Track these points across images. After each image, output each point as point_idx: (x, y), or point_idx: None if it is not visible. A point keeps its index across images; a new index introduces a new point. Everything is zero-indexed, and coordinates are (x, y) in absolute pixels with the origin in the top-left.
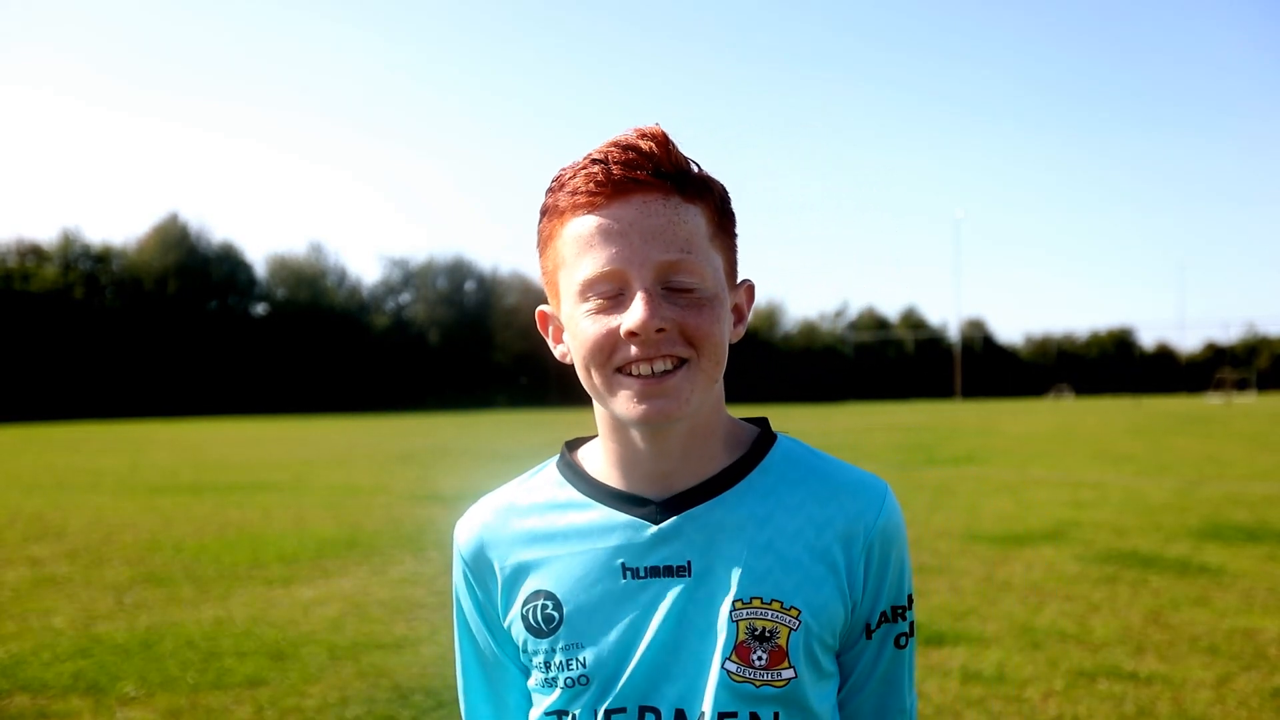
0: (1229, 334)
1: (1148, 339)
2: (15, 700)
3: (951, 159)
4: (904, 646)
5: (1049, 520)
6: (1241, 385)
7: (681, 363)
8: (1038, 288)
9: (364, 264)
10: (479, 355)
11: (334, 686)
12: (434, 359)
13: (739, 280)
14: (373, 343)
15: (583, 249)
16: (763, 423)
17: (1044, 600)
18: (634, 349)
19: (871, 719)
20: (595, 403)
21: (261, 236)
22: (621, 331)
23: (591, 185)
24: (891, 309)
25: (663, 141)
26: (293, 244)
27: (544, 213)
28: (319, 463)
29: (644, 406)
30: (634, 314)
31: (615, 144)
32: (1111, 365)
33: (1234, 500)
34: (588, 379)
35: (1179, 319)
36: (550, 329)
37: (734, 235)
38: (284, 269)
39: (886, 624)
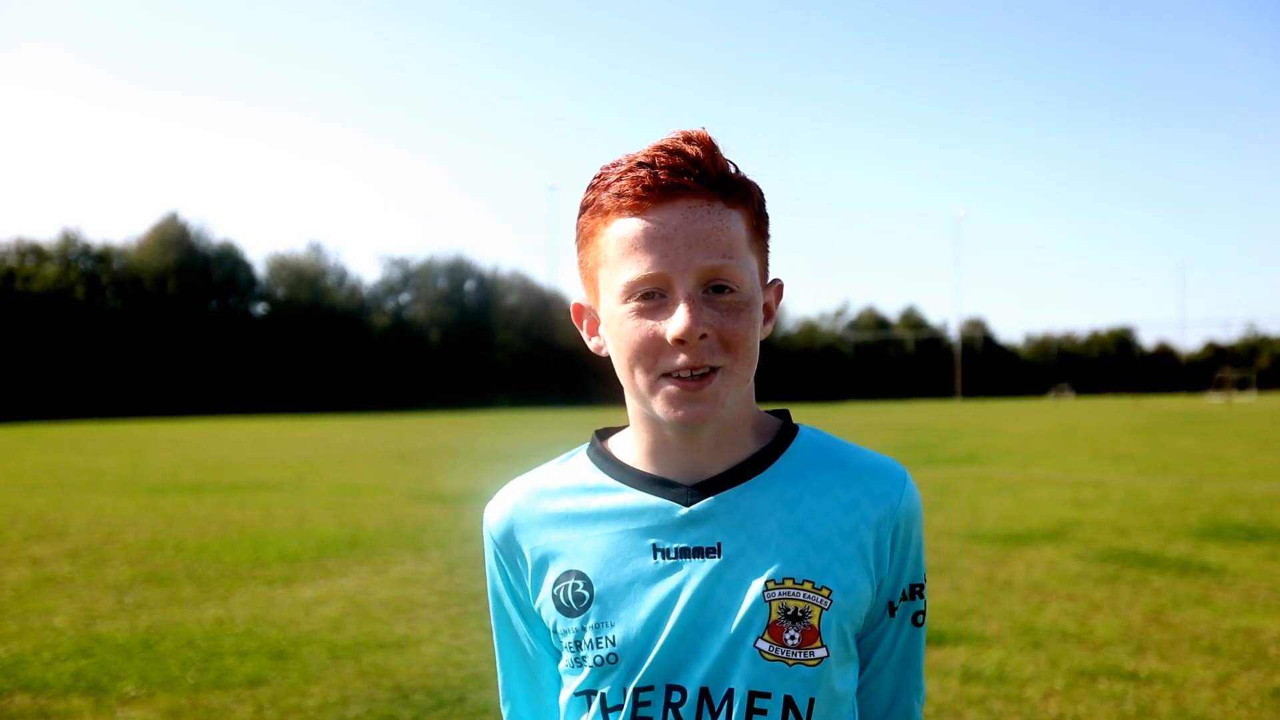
0: (1229, 333)
1: (1148, 338)
2: (16, 700)
3: (952, 158)
4: (920, 625)
5: (1050, 520)
6: (1242, 385)
7: (716, 368)
8: (1038, 287)
9: (364, 264)
10: (479, 355)
11: (335, 686)
12: (434, 359)
13: (770, 280)
14: (373, 342)
15: (627, 251)
16: (784, 414)
17: (1045, 600)
18: (681, 357)
19: (890, 698)
20: (629, 396)
21: (261, 236)
22: (668, 337)
23: (638, 189)
24: (892, 308)
25: (708, 146)
26: (293, 244)
27: (585, 209)
28: (320, 462)
29: (681, 411)
30: (679, 321)
31: (661, 148)
32: (1112, 365)
33: (1235, 499)
34: (629, 378)
35: (1179, 318)
36: (585, 322)
37: (768, 236)
38: (284, 269)
39: (906, 602)
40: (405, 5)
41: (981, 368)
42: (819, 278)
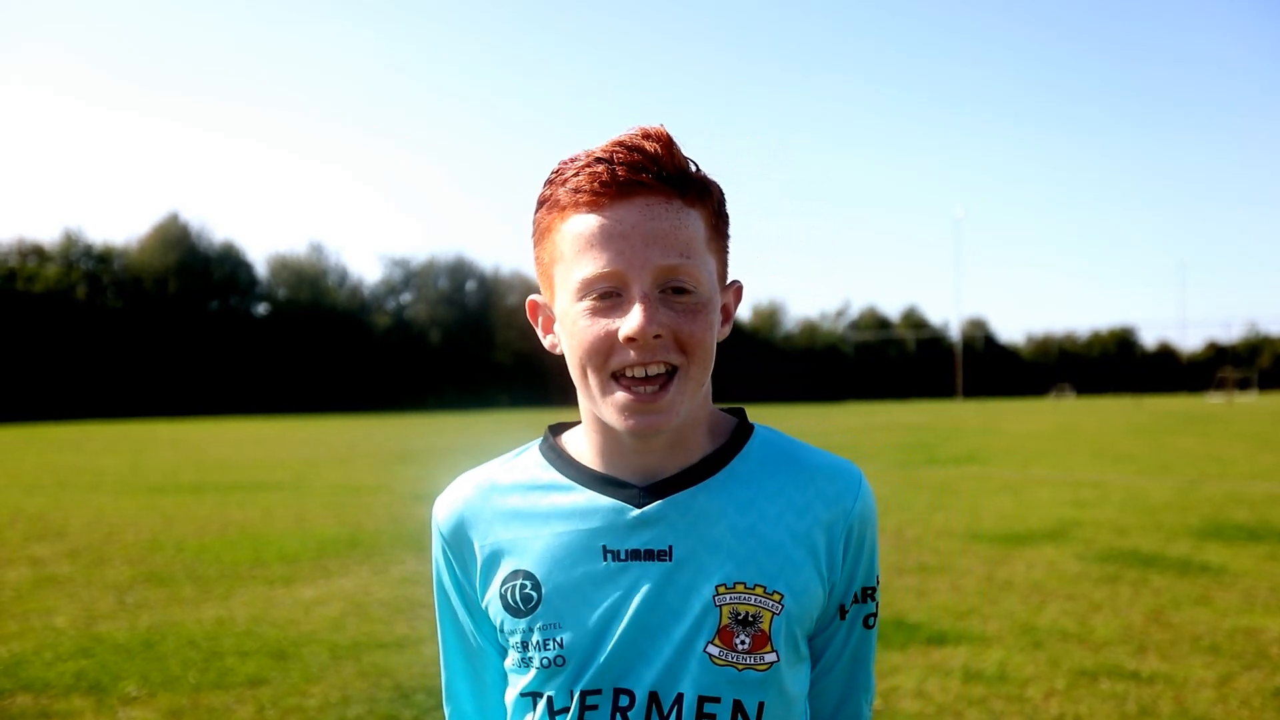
0: (1230, 333)
1: (1149, 338)
2: (17, 700)
3: (952, 158)
4: (871, 627)
5: (1050, 519)
6: (1243, 384)
7: (672, 370)
8: (1039, 287)
9: (365, 264)
10: (480, 355)
11: (335, 686)
12: (435, 359)
13: (729, 281)
14: (374, 343)
15: (583, 248)
16: (739, 413)
17: (1045, 599)
18: (631, 353)
19: (838, 697)
20: (580, 395)
21: (262, 236)
22: (620, 336)
23: (596, 185)
24: (892, 308)
25: (667, 143)
26: (293, 244)
27: (542, 204)
28: (320, 462)
29: (632, 421)
30: (632, 320)
31: (620, 144)
32: (1113, 365)
33: (1235, 499)
34: (581, 377)
35: (1180, 318)
36: (540, 319)
37: (728, 237)
38: (285, 269)
39: (858, 605)
40: (405, 5)
41: (982, 368)
42: (820, 278)
